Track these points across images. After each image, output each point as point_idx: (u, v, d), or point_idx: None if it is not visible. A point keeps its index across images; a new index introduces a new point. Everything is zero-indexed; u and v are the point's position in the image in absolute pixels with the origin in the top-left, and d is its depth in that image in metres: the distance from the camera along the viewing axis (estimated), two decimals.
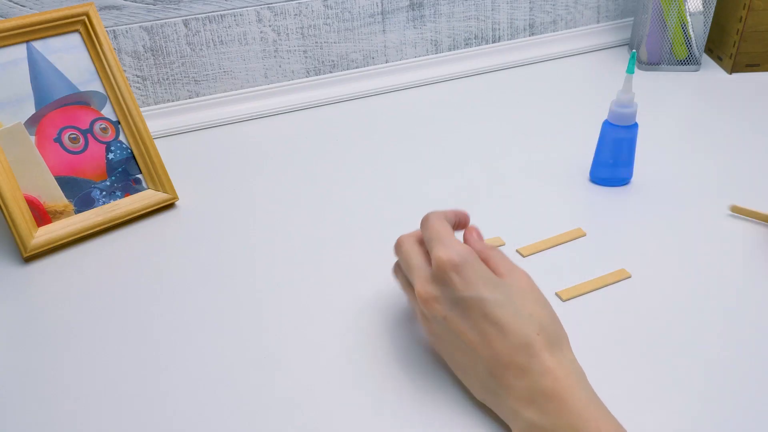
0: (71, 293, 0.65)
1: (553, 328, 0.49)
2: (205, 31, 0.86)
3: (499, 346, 0.48)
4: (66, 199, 0.71)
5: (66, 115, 0.72)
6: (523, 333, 0.48)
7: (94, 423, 0.53)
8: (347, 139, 0.86)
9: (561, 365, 0.47)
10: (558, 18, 1.02)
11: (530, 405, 0.47)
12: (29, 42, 0.71)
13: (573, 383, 0.46)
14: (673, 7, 0.92)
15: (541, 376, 0.46)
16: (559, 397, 0.45)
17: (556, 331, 0.49)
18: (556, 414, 0.45)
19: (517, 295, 0.49)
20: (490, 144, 0.84)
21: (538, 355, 0.47)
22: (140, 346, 0.60)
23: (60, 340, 0.60)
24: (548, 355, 0.47)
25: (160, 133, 0.85)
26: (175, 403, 0.54)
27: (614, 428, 0.44)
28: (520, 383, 0.47)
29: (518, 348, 0.48)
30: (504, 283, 0.50)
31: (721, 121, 0.87)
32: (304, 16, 0.90)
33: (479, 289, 0.49)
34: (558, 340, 0.48)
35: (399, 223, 0.72)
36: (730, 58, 0.96)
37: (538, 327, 0.48)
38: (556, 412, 0.45)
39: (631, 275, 0.64)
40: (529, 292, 0.50)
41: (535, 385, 0.46)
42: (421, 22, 0.96)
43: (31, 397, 0.55)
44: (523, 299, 0.49)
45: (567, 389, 0.45)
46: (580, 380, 0.46)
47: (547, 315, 0.49)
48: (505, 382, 0.48)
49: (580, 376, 0.47)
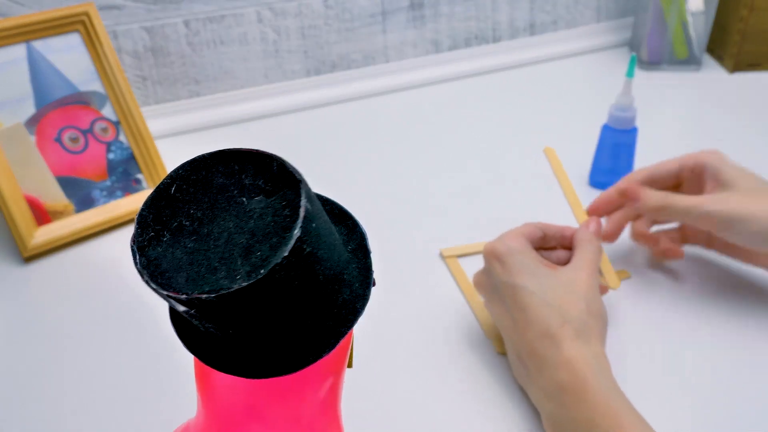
0: (71, 293, 0.65)
1: (584, 321, 0.49)
2: (206, 31, 0.86)
3: (526, 334, 0.50)
4: (66, 199, 0.71)
5: (66, 115, 0.72)
6: (546, 323, 0.49)
7: (93, 422, 0.53)
8: (347, 139, 0.86)
9: (581, 358, 0.47)
10: (558, 18, 1.02)
11: (550, 397, 0.48)
12: (29, 42, 0.71)
13: (591, 376, 0.46)
14: (673, 6, 0.92)
15: (557, 369, 0.47)
16: (576, 390, 0.46)
17: (587, 324, 0.49)
18: (574, 407, 0.46)
19: (555, 286, 0.51)
20: (490, 144, 0.84)
21: (558, 346, 0.48)
22: (140, 345, 0.60)
23: (60, 339, 0.60)
24: (570, 347, 0.48)
25: (160, 133, 0.85)
26: (175, 402, 0.54)
27: (635, 420, 0.44)
28: (541, 374, 0.48)
29: (540, 337, 0.49)
30: (548, 273, 0.52)
31: (722, 120, 0.87)
32: (304, 17, 0.90)
33: (516, 277, 0.51)
34: (586, 333, 0.49)
35: (399, 223, 0.72)
36: (731, 58, 0.95)
37: (563, 319, 0.49)
38: (573, 405, 0.46)
39: (631, 275, 0.64)
40: (572, 285, 0.51)
41: (553, 377, 0.47)
42: (422, 23, 0.96)
43: (31, 396, 0.55)
44: (560, 291, 0.50)
45: (585, 382, 0.46)
46: (601, 373, 0.47)
47: (581, 308, 0.50)
48: (530, 370, 0.50)
49: (602, 370, 0.47)
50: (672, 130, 0.87)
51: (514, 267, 0.52)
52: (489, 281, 0.54)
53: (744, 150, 0.81)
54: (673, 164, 0.60)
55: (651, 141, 0.81)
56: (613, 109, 0.71)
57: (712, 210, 0.55)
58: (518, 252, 0.53)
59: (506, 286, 0.52)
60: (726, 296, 0.61)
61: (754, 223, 0.54)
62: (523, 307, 0.50)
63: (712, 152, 0.59)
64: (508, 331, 0.52)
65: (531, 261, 0.52)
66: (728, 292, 0.62)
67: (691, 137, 0.85)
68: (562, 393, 0.47)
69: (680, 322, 0.59)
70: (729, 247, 0.61)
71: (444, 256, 0.66)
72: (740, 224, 0.54)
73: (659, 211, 0.58)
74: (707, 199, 0.56)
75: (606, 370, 0.48)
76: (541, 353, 0.49)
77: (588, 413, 0.45)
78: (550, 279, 0.51)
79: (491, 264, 0.53)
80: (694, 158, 0.59)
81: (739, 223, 0.54)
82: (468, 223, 0.71)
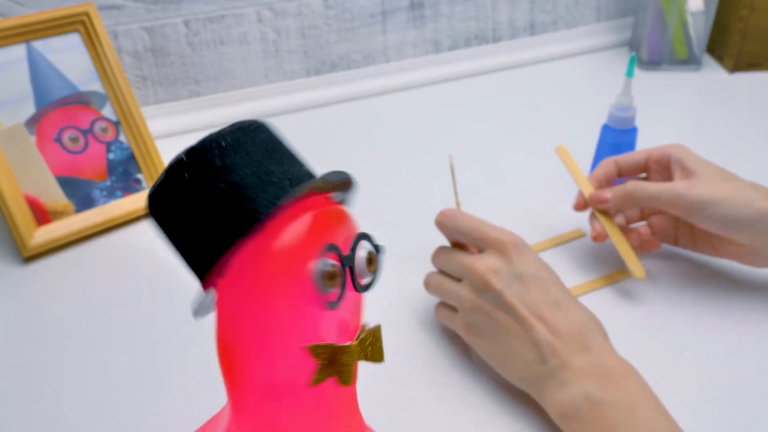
0: (71, 293, 0.65)
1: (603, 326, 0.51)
2: (206, 31, 0.86)
3: (558, 321, 0.50)
4: (66, 199, 0.71)
5: (66, 115, 0.72)
6: (580, 315, 0.50)
7: (93, 422, 0.53)
8: (347, 139, 0.86)
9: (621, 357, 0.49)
10: (558, 18, 1.02)
11: (590, 377, 0.47)
12: (29, 42, 0.71)
13: (630, 370, 0.48)
14: (673, 6, 0.92)
15: (605, 356, 0.48)
16: (620, 376, 0.47)
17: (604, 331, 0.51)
18: (616, 388, 0.46)
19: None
20: (490, 144, 0.84)
21: (597, 336, 0.49)
22: (140, 345, 0.60)
23: (60, 339, 0.60)
24: (604, 339, 0.50)
25: (160, 133, 0.85)
26: (175, 402, 0.54)
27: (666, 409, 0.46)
28: (581, 358, 0.48)
29: (578, 324, 0.50)
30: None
31: (722, 120, 0.87)
32: (304, 17, 0.90)
33: (536, 269, 0.52)
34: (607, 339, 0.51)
35: (399, 224, 0.72)
36: (731, 58, 0.96)
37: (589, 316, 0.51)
38: (616, 387, 0.46)
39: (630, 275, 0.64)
40: None
41: (600, 361, 0.48)
42: (422, 23, 0.96)
43: (31, 396, 0.55)
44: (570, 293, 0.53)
45: (627, 372, 0.47)
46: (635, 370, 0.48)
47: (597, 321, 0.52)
48: (562, 356, 0.48)
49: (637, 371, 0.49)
50: (672, 130, 0.87)
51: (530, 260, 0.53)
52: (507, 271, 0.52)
53: (744, 150, 0.81)
54: (640, 155, 0.62)
55: (651, 141, 0.81)
56: (612, 108, 0.71)
57: (684, 193, 0.57)
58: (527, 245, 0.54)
59: (530, 277, 0.51)
60: (727, 296, 0.61)
61: (722, 207, 0.56)
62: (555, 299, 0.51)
63: (677, 145, 0.61)
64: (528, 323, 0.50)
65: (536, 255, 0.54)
66: (729, 291, 0.62)
67: (691, 137, 0.85)
68: (607, 377, 0.47)
69: (680, 323, 0.59)
70: (694, 240, 0.62)
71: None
72: (711, 208, 0.56)
73: (630, 196, 0.59)
74: (678, 184, 0.58)
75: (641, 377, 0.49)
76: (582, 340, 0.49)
77: (630, 398, 0.46)
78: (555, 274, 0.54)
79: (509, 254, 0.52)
80: (660, 150, 0.61)
81: (710, 207, 0.56)
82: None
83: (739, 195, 0.56)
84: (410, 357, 0.57)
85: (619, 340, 0.56)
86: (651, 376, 0.55)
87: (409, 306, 0.62)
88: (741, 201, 0.55)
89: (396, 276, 0.64)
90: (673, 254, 0.66)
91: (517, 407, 0.52)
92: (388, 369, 0.57)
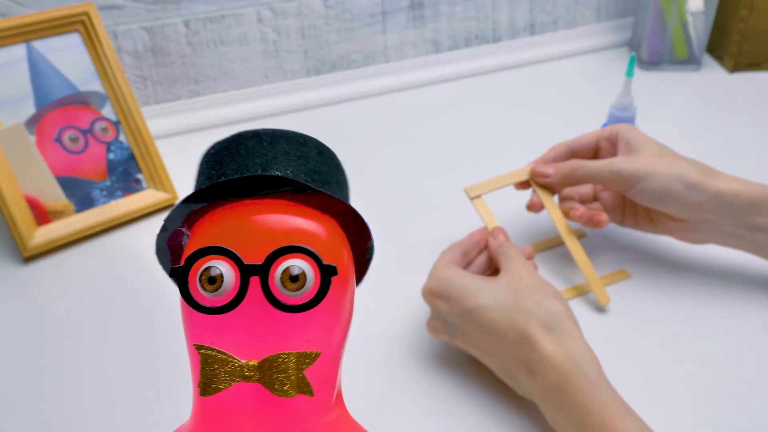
0: (71, 293, 0.65)
1: (545, 310, 0.49)
2: (206, 31, 0.86)
3: (501, 348, 0.49)
4: (66, 199, 0.71)
5: (66, 115, 0.72)
6: (513, 328, 0.48)
7: (93, 421, 0.53)
8: (347, 139, 0.86)
9: (561, 355, 0.47)
10: (558, 18, 1.02)
11: (545, 401, 0.47)
12: (29, 42, 0.71)
13: (575, 372, 0.46)
14: (673, 6, 0.92)
15: (542, 372, 0.47)
16: (563, 389, 0.46)
17: (549, 312, 0.49)
18: (564, 408, 0.46)
19: (502, 291, 0.50)
20: (490, 144, 0.84)
21: (533, 346, 0.47)
22: (139, 345, 0.60)
23: (59, 339, 0.60)
24: (545, 344, 0.47)
25: (160, 133, 0.85)
26: (175, 402, 0.54)
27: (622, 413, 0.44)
28: (531, 380, 0.48)
29: (516, 343, 0.48)
30: (489, 284, 0.51)
31: (722, 120, 0.87)
32: (304, 17, 0.90)
33: (464, 303, 0.51)
34: (553, 323, 0.48)
35: (398, 224, 0.72)
36: (731, 58, 0.95)
37: (527, 316, 0.48)
38: (564, 405, 0.46)
39: (631, 275, 0.64)
40: (515, 283, 0.51)
41: (544, 381, 0.47)
42: (422, 23, 0.96)
43: (31, 396, 0.55)
44: (508, 293, 0.50)
45: (569, 380, 0.46)
46: (586, 366, 0.46)
47: (536, 299, 0.49)
48: (521, 381, 0.49)
49: (585, 362, 0.46)
50: (672, 129, 0.87)
51: (458, 295, 0.51)
52: (443, 322, 0.53)
53: (744, 150, 0.81)
54: (591, 136, 0.63)
55: None
56: (612, 108, 0.71)
57: (621, 168, 0.58)
58: (453, 279, 0.52)
59: (460, 317, 0.51)
60: (727, 295, 0.61)
61: (654, 180, 0.57)
62: (486, 326, 0.50)
63: (626, 124, 0.62)
64: (486, 357, 0.51)
65: (469, 280, 0.52)
66: (729, 290, 0.62)
67: (691, 137, 0.85)
68: (553, 394, 0.46)
69: (681, 321, 0.59)
70: (636, 217, 0.63)
71: (470, 197, 0.64)
72: (644, 180, 0.57)
73: (572, 173, 0.60)
74: (616, 159, 0.59)
75: (588, 359, 0.47)
76: (522, 358, 0.48)
77: (577, 413, 0.45)
78: (495, 288, 0.51)
79: (435, 304, 0.53)
80: (609, 129, 0.62)
81: (644, 179, 0.57)
82: (468, 223, 0.71)
83: (672, 168, 0.57)
84: (407, 358, 0.57)
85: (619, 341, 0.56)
86: (651, 376, 0.55)
87: (410, 306, 0.62)
88: (672, 173, 0.57)
89: (396, 276, 0.64)
90: (674, 253, 0.66)
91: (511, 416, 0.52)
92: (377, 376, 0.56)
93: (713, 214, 0.57)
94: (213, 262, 0.33)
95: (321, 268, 0.33)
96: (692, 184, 0.56)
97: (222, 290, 0.33)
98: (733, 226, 0.58)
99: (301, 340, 0.34)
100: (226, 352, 0.33)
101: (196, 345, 0.34)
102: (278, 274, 0.33)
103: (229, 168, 0.36)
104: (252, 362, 0.33)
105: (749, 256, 0.63)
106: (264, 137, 0.38)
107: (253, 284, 0.33)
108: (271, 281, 0.33)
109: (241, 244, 0.33)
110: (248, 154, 0.37)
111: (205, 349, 0.33)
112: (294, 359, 0.33)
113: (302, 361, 0.33)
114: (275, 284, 0.33)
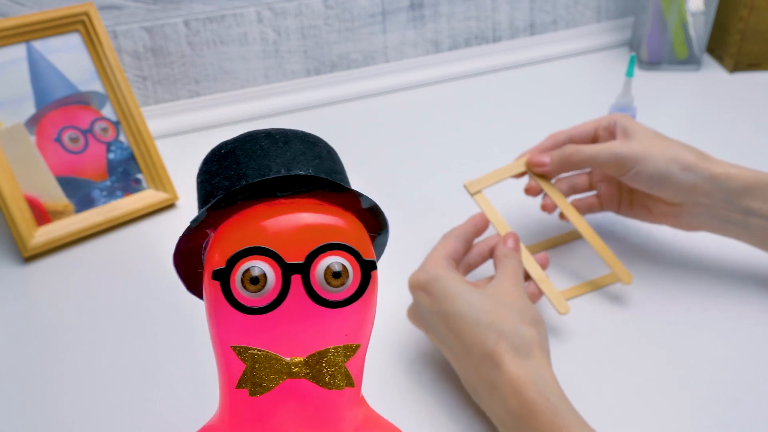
0: (71, 293, 0.65)
1: (519, 333, 0.48)
2: (206, 31, 0.86)
3: (467, 359, 0.49)
4: (66, 199, 0.71)
5: (66, 115, 0.72)
6: (481, 344, 0.47)
7: (93, 421, 0.53)
8: (347, 139, 0.86)
9: (525, 378, 0.46)
10: (558, 18, 1.02)
11: (503, 425, 0.47)
12: (29, 42, 0.71)
13: (538, 398, 0.45)
14: (673, 6, 0.92)
15: (504, 395, 0.46)
16: (525, 416, 0.45)
17: (523, 337, 0.47)
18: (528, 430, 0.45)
19: (483, 304, 0.49)
20: (490, 144, 0.84)
21: (499, 367, 0.46)
22: (140, 345, 0.60)
23: (59, 339, 0.60)
24: (511, 365, 0.46)
25: (160, 133, 0.85)
26: (174, 402, 0.54)
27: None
28: (491, 399, 0.47)
29: (480, 360, 0.48)
30: (473, 292, 0.50)
31: (722, 120, 0.87)
32: (304, 17, 0.90)
33: (443, 303, 0.50)
34: (524, 346, 0.47)
35: (398, 224, 0.72)
36: (731, 58, 0.95)
37: (498, 335, 0.47)
38: (528, 428, 0.45)
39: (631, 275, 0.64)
40: (499, 298, 0.50)
41: (503, 404, 0.46)
42: (422, 23, 0.96)
43: (31, 396, 0.55)
44: (489, 306, 0.49)
45: (532, 406, 0.45)
46: (548, 392, 0.45)
47: (513, 320, 0.48)
48: (482, 396, 0.48)
49: (548, 388, 0.45)
50: (672, 130, 0.86)
51: (440, 294, 0.50)
52: (421, 315, 0.53)
53: (744, 150, 0.81)
54: (589, 125, 0.64)
55: None
56: (612, 108, 0.71)
57: (618, 151, 0.58)
58: (440, 277, 0.51)
59: (437, 316, 0.51)
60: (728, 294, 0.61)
61: (651, 162, 0.57)
62: (457, 333, 0.49)
63: (624, 114, 0.63)
64: (455, 362, 0.51)
65: (454, 284, 0.51)
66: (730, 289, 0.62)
67: (691, 137, 0.85)
68: (513, 419, 0.46)
69: (681, 321, 0.59)
70: (632, 206, 0.64)
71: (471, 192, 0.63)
72: (641, 162, 0.58)
73: (568, 159, 0.61)
74: (613, 143, 0.60)
75: (551, 386, 0.46)
76: (485, 377, 0.47)
77: None
78: (476, 298, 0.49)
79: (418, 296, 0.52)
80: (608, 118, 0.63)
81: (641, 162, 0.58)
82: None
83: (668, 151, 0.58)
84: (406, 358, 0.57)
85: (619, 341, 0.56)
86: (651, 376, 0.55)
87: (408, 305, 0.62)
88: (669, 156, 0.57)
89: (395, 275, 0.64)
90: (674, 254, 0.66)
91: None
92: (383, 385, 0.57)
93: (708, 197, 0.58)
94: (254, 262, 0.33)
95: (361, 264, 0.35)
96: (688, 166, 0.57)
97: (264, 290, 0.33)
98: (728, 210, 0.58)
99: (340, 334, 0.35)
100: (270, 351, 0.34)
101: (236, 346, 0.34)
102: (319, 271, 0.34)
103: (249, 168, 0.36)
104: (297, 359, 0.34)
105: (747, 254, 0.63)
106: (278, 137, 0.37)
107: (293, 283, 0.34)
108: (313, 279, 0.34)
109: (279, 243, 0.34)
110: (266, 154, 0.36)
111: (248, 350, 0.34)
112: (342, 352, 0.35)
113: (348, 354, 0.35)
114: (317, 281, 0.34)
